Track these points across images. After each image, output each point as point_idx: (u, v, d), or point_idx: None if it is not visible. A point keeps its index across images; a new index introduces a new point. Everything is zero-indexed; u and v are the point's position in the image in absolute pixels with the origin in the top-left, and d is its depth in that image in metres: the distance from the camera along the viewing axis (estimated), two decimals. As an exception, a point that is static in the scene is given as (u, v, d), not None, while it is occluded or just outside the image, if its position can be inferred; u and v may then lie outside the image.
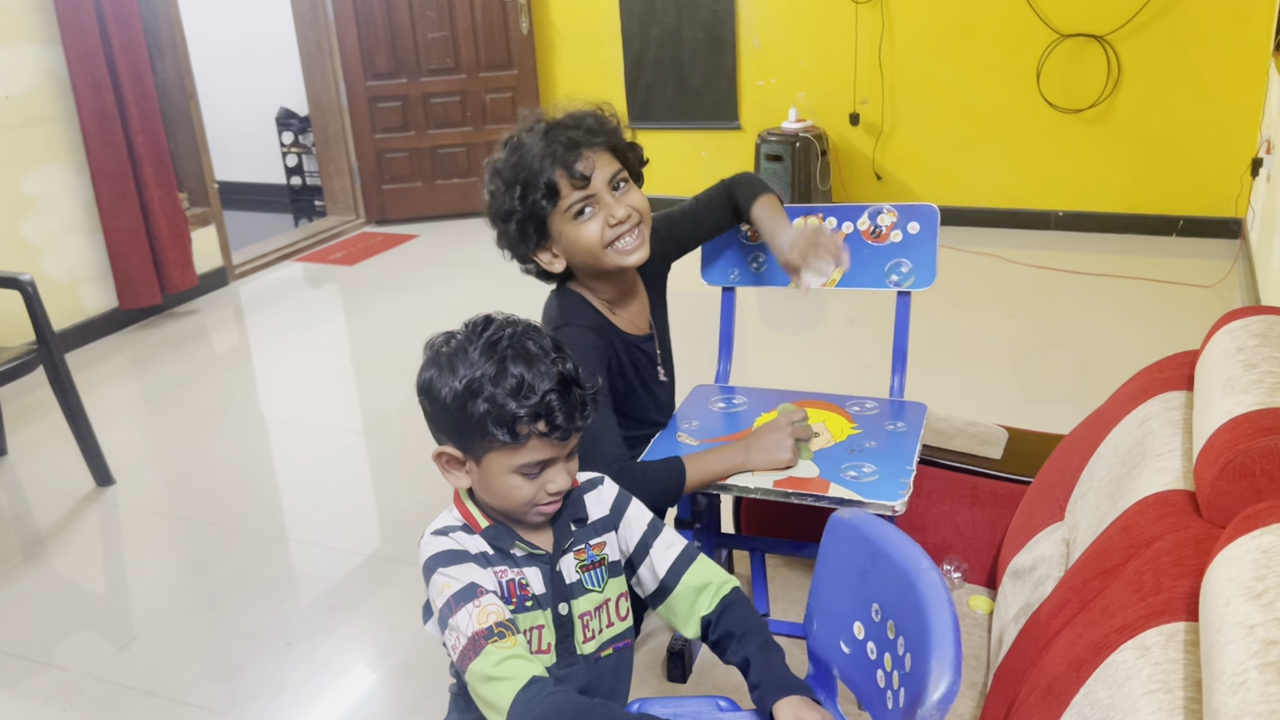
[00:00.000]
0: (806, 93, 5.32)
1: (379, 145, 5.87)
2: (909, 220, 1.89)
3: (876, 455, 1.64)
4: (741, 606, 1.30)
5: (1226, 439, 1.14)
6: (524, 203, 1.54)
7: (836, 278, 1.92)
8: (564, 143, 1.53)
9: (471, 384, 1.16)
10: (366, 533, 2.95)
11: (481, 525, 1.26)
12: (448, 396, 1.18)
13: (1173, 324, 3.94)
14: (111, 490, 3.21)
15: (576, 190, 1.54)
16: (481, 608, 1.17)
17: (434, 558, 1.23)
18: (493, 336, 1.19)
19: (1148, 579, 1.10)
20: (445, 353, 1.21)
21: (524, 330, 1.22)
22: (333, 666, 2.38)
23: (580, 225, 1.57)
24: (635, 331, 1.73)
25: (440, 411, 1.21)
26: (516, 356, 1.17)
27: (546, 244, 1.60)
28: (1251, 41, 4.48)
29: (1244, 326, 1.35)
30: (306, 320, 4.73)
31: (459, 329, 1.24)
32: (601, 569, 1.31)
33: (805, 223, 1.70)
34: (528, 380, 1.16)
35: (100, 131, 4.25)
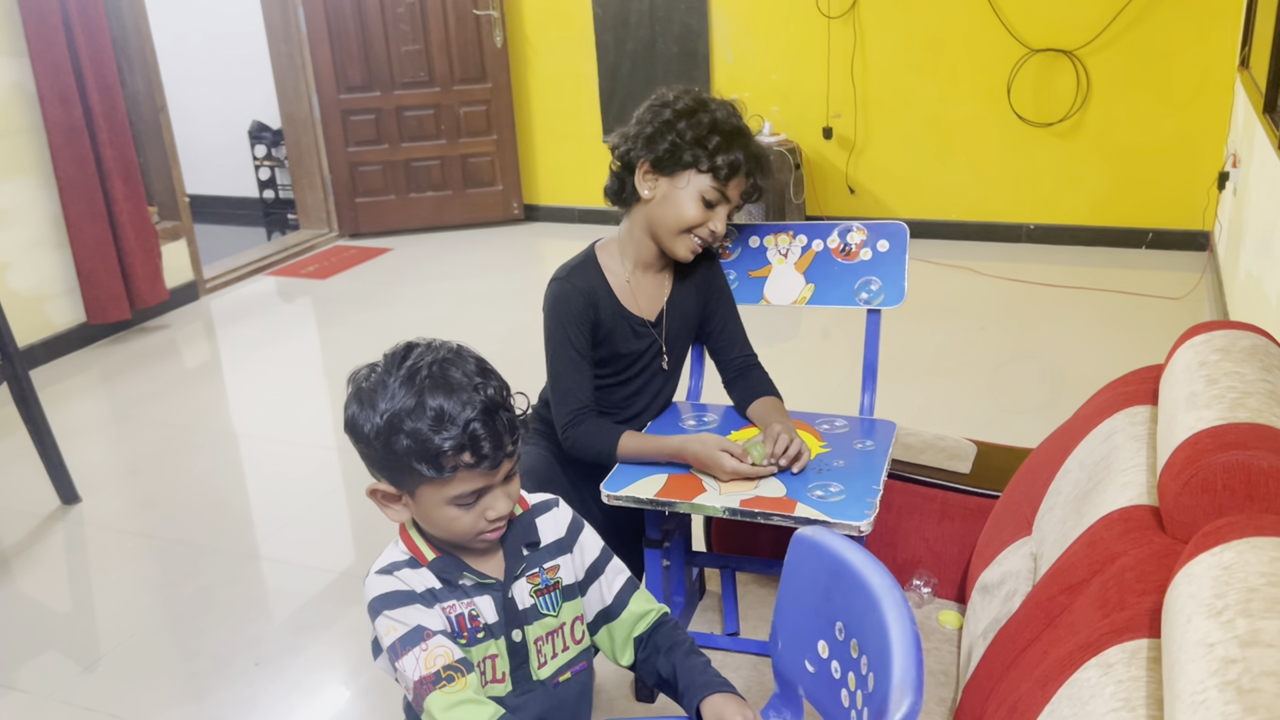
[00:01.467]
0: (780, 106, 5.34)
1: (352, 158, 5.85)
2: (878, 238, 1.90)
3: (844, 475, 1.64)
4: (671, 627, 1.30)
5: (1188, 454, 1.14)
6: (706, 145, 1.65)
7: (806, 296, 1.93)
8: (760, 160, 1.70)
9: (392, 419, 1.12)
10: (338, 550, 2.92)
11: (428, 558, 1.23)
12: (370, 433, 1.15)
13: (1142, 336, 3.98)
14: (78, 508, 3.17)
15: (732, 190, 1.68)
16: (428, 651, 1.15)
17: (378, 599, 1.20)
18: (412, 366, 1.15)
19: (1111, 595, 1.10)
20: (366, 387, 1.17)
21: (445, 357, 1.17)
22: (303, 686, 2.35)
23: (691, 202, 1.68)
24: (636, 311, 1.78)
25: (366, 448, 1.18)
26: (436, 386, 1.13)
27: (665, 173, 1.68)
28: (1217, 57, 4.54)
29: (1206, 341, 1.36)
30: (278, 335, 4.69)
31: (380, 359, 1.20)
32: (556, 593, 1.29)
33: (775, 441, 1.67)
34: (448, 411, 1.11)
35: (68, 145, 4.21)
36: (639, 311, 1.77)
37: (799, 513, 1.54)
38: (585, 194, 5.94)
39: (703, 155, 1.65)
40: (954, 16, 4.88)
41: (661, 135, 1.66)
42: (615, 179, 1.77)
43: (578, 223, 5.97)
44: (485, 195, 6.03)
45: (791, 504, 1.56)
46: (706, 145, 1.65)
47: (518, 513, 1.28)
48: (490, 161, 5.97)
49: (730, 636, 1.84)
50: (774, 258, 1.96)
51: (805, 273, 1.94)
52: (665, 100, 1.72)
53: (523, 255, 5.66)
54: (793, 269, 1.94)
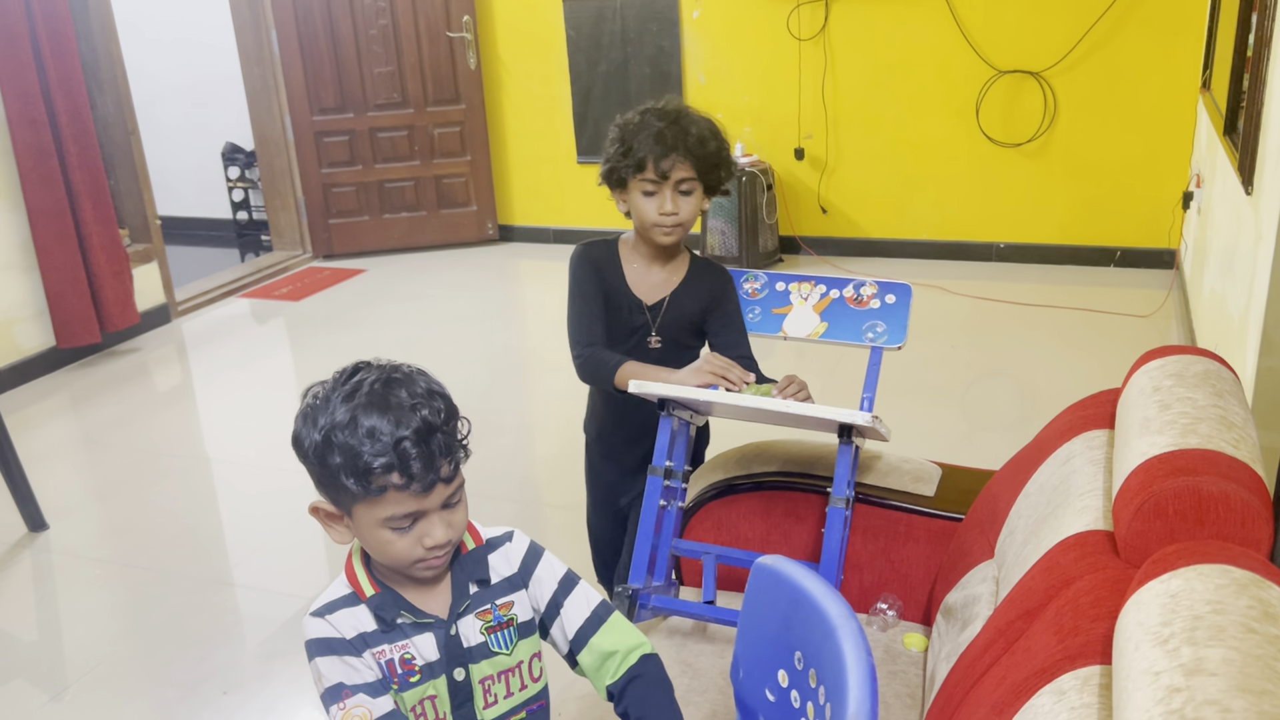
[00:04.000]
0: (752, 128, 5.38)
1: (325, 179, 5.84)
2: (887, 293, 2.11)
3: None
4: (645, 684, 1.24)
5: (1141, 480, 1.16)
6: (621, 158, 1.93)
7: (819, 332, 2.13)
8: (669, 139, 1.88)
9: (328, 434, 1.12)
10: (309, 575, 2.90)
11: (368, 593, 1.21)
12: (309, 448, 1.14)
13: (1111, 354, 4.02)
14: (45, 535, 3.14)
15: (652, 176, 1.91)
16: (346, 710, 1.15)
17: (310, 643, 1.20)
18: (356, 383, 1.15)
19: (1067, 620, 1.11)
20: (311, 404, 1.17)
21: (391, 377, 1.16)
22: (273, 714, 2.34)
23: (644, 199, 1.94)
24: (637, 292, 2.03)
25: (307, 464, 1.17)
26: (372, 404, 1.12)
27: (623, 192, 1.99)
28: (1180, 78, 4.61)
29: (1160, 366, 1.38)
30: (251, 357, 4.67)
31: (329, 377, 1.20)
32: (510, 630, 1.26)
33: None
34: (379, 428, 1.10)
35: (36, 168, 4.19)
36: (639, 294, 2.03)
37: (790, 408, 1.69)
38: (560, 214, 5.95)
39: (625, 164, 1.92)
40: (923, 39, 4.94)
41: (606, 163, 1.98)
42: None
43: (552, 243, 5.98)
44: (460, 216, 6.03)
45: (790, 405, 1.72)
46: (617, 155, 1.94)
47: (469, 545, 1.26)
48: (464, 182, 5.98)
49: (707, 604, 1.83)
50: (795, 300, 2.15)
51: (821, 313, 2.13)
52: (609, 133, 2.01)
53: (498, 276, 5.67)
54: (810, 309, 2.13)
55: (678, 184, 1.92)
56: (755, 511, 1.96)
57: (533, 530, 2.64)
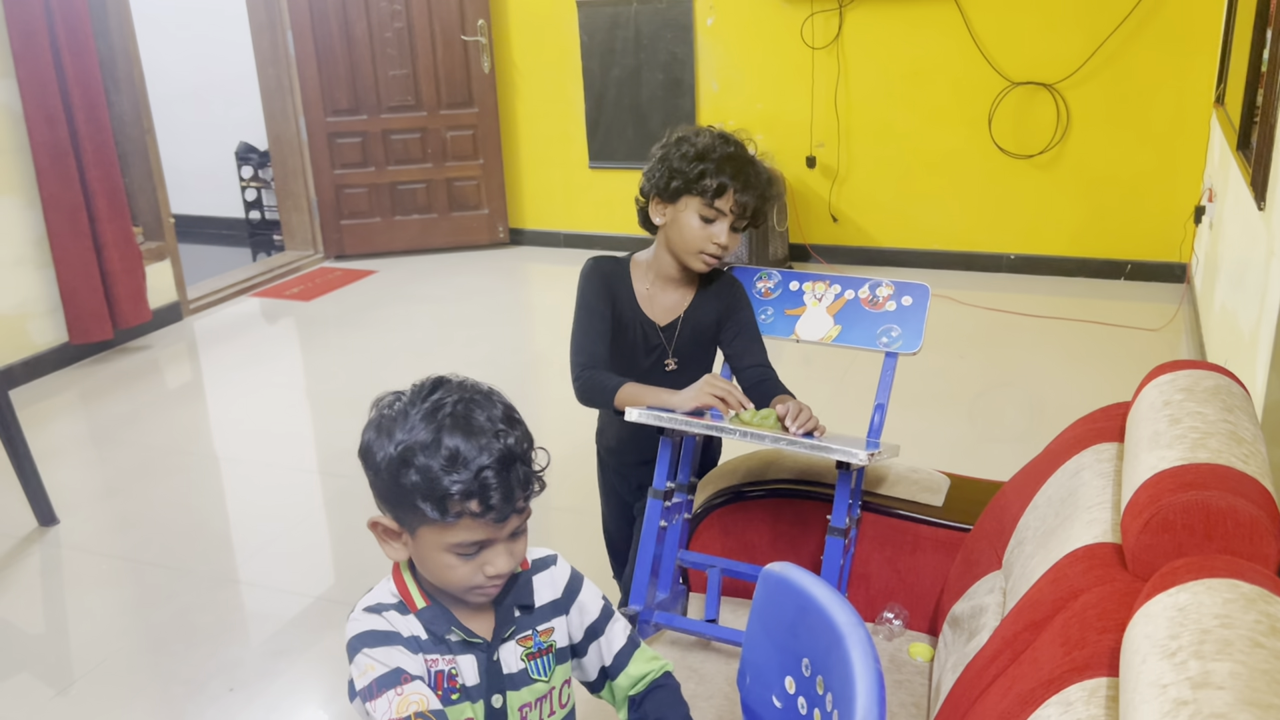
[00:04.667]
0: (764, 135, 5.39)
1: (338, 180, 5.86)
2: (904, 294, 2.06)
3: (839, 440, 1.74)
4: (666, 693, 1.26)
5: (1150, 494, 1.16)
6: (695, 176, 1.86)
7: (833, 335, 2.10)
8: (751, 178, 1.87)
9: (405, 451, 1.08)
10: (316, 574, 2.91)
11: (418, 605, 1.18)
12: (382, 462, 1.11)
13: (1120, 367, 4.02)
14: (55, 530, 3.16)
15: (722, 206, 1.86)
16: (403, 696, 1.10)
17: (360, 636, 1.15)
18: (437, 401, 1.11)
19: (1073, 632, 1.12)
20: (387, 415, 1.13)
21: (472, 397, 1.13)
22: (278, 712, 2.35)
23: (698, 222, 1.88)
24: (650, 314, 1.99)
25: (375, 477, 1.14)
26: (455, 426, 1.09)
27: (670, 204, 1.91)
28: (1194, 92, 4.61)
29: (1170, 381, 1.39)
30: (262, 356, 4.69)
31: (407, 389, 1.16)
32: (549, 657, 1.24)
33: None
34: (463, 453, 1.08)
35: (53, 165, 4.22)
36: (652, 315, 1.99)
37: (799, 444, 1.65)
38: (571, 219, 5.97)
39: (692, 180, 1.86)
40: (936, 49, 4.95)
41: (660, 169, 1.91)
42: (641, 212, 2.01)
43: (563, 247, 6.00)
44: (471, 219, 6.05)
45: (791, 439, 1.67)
46: (691, 171, 1.86)
47: (517, 571, 1.24)
48: (476, 185, 6.00)
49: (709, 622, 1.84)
50: (809, 300, 2.12)
51: (835, 316, 2.09)
52: (668, 140, 1.96)
53: (508, 279, 5.68)
54: (824, 311, 2.10)
55: (736, 221, 1.90)
56: (764, 519, 1.97)
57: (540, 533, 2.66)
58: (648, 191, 1.95)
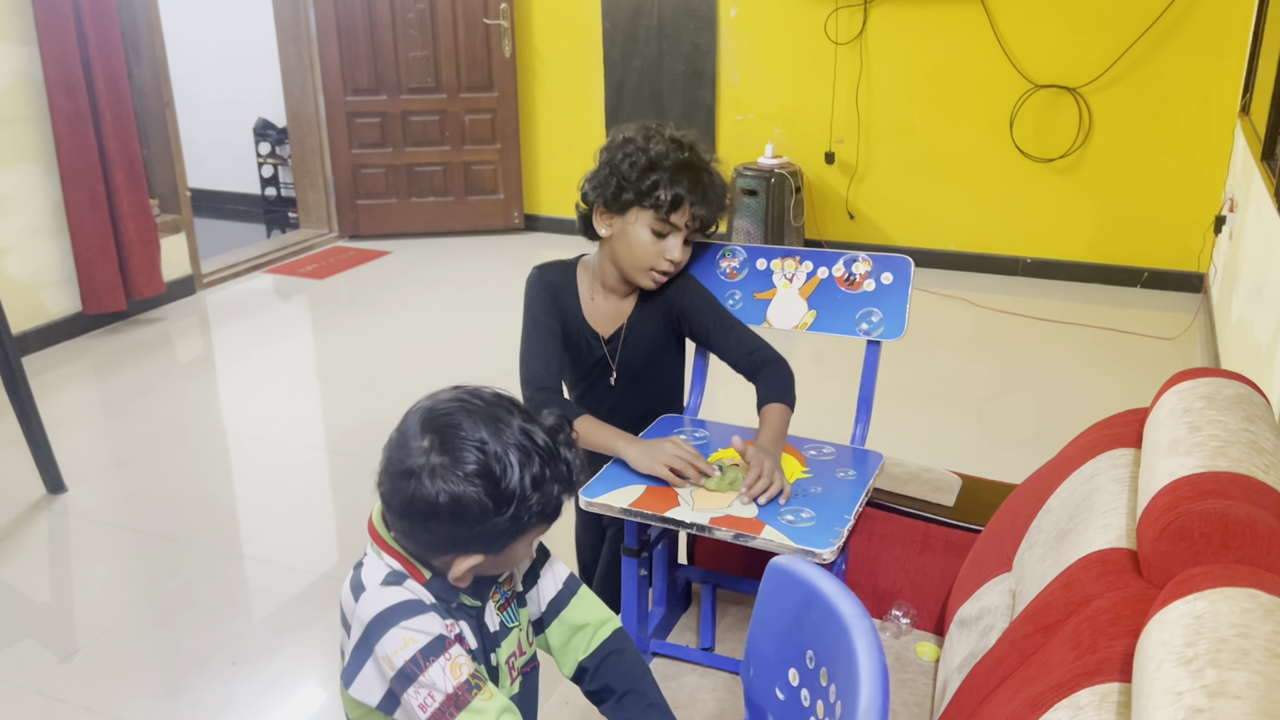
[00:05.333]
0: (783, 129, 5.37)
1: (355, 160, 5.86)
2: (883, 270, 1.92)
3: (819, 501, 1.64)
4: (623, 658, 1.24)
5: (1168, 501, 1.15)
6: (638, 181, 1.73)
7: (807, 322, 1.96)
8: (707, 190, 1.74)
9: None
10: (321, 552, 2.92)
11: (425, 576, 1.17)
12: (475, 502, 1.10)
13: (1133, 375, 4.00)
14: (63, 498, 3.17)
15: (677, 221, 1.74)
16: (453, 660, 1.09)
17: (390, 610, 1.11)
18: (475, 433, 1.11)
19: (1085, 636, 1.11)
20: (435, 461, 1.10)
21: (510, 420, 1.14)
22: (280, 687, 2.35)
23: (648, 237, 1.76)
24: (594, 325, 1.87)
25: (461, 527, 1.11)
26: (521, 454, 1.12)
27: (617, 215, 1.78)
28: (1219, 101, 4.57)
29: (1191, 388, 1.37)
30: (273, 333, 4.70)
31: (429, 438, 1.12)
32: (514, 603, 1.27)
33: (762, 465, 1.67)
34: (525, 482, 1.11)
35: (72, 134, 4.22)
36: (595, 325, 1.87)
37: (765, 535, 1.54)
38: (586, 207, 5.96)
39: (644, 192, 1.73)
40: (960, 49, 4.92)
41: (609, 177, 1.77)
42: (581, 219, 1.89)
43: (578, 235, 5.98)
44: (486, 203, 6.05)
45: (759, 526, 1.56)
46: (643, 183, 1.73)
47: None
48: (493, 170, 5.99)
49: (705, 651, 1.85)
50: (779, 281, 1.99)
51: (809, 299, 1.97)
52: (613, 142, 1.82)
53: (521, 265, 5.67)
54: (796, 294, 1.97)
55: (687, 236, 1.78)
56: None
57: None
58: (592, 200, 1.81)
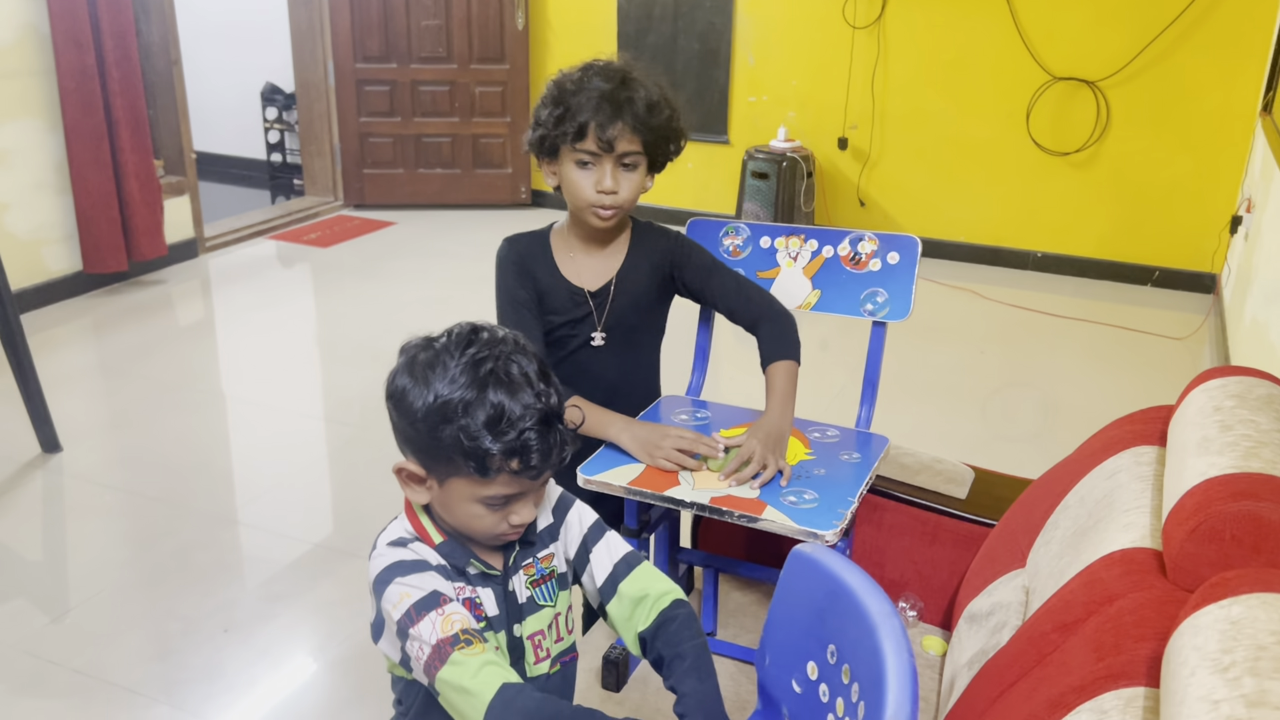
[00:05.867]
0: (797, 113, 5.31)
1: (363, 129, 5.80)
2: (889, 250, 1.88)
3: (822, 483, 1.61)
4: (676, 625, 1.20)
5: (1198, 501, 1.11)
6: (555, 123, 1.66)
7: (811, 302, 1.92)
8: (616, 103, 1.63)
9: (445, 406, 1.07)
10: (317, 521, 2.88)
11: (435, 540, 1.19)
12: (419, 411, 1.09)
13: (1141, 374, 3.96)
14: (58, 458, 3.13)
15: (589, 146, 1.65)
16: (445, 615, 1.10)
17: (390, 568, 1.14)
18: (477, 355, 1.09)
19: (1107, 638, 1.07)
20: (422, 361, 1.11)
21: (512, 350, 1.11)
22: (271, 656, 2.32)
23: (579, 173, 1.68)
24: (578, 283, 1.77)
25: (407, 425, 1.12)
26: (498, 383, 1.08)
27: (553, 163, 1.72)
28: (1240, 99, 4.52)
29: (1221, 386, 1.34)
30: (275, 300, 4.65)
31: (440, 336, 1.14)
32: (552, 582, 1.25)
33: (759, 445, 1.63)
34: (508, 412, 1.07)
35: (78, 90, 4.17)
36: (580, 282, 1.77)
37: (766, 516, 1.51)
38: (594, 184, 5.89)
39: (561, 129, 1.66)
40: (980, 37, 4.86)
41: (534, 128, 1.72)
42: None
43: (584, 212, 5.92)
44: (494, 177, 5.99)
45: (761, 506, 1.53)
46: (550, 119, 1.67)
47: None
48: (502, 144, 5.93)
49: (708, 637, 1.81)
50: (783, 260, 1.95)
51: (813, 279, 1.93)
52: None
53: (527, 240, 5.62)
54: (800, 273, 1.93)
55: (621, 157, 1.65)
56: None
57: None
58: (537, 157, 1.76)
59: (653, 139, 1.66)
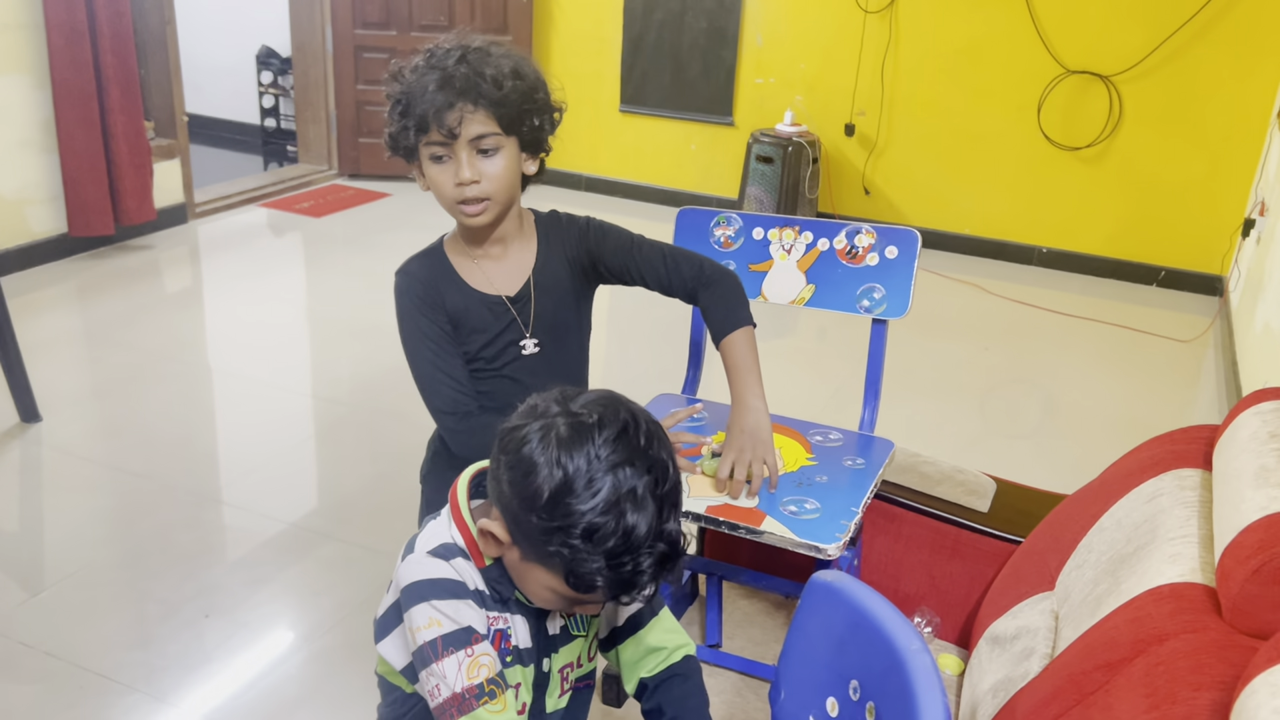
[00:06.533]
0: (804, 97, 5.21)
1: (360, 96, 5.67)
2: (888, 244, 1.81)
3: (824, 491, 1.53)
4: (684, 683, 1.16)
5: (1260, 538, 1.04)
6: (400, 118, 1.47)
7: (805, 297, 1.84)
8: (455, 84, 1.43)
9: (570, 517, 0.94)
10: (302, 503, 2.79)
11: (486, 561, 1.08)
12: (540, 499, 0.96)
13: (1145, 375, 3.90)
14: (36, 428, 3.03)
15: (439, 135, 1.45)
16: (474, 658, 1.02)
17: (426, 584, 1.05)
18: (624, 458, 0.96)
19: (1160, 684, 1.00)
20: (561, 438, 0.97)
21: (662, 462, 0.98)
22: (255, 643, 2.24)
23: (435, 169, 1.48)
24: (493, 291, 1.58)
25: (519, 507, 0.98)
26: (638, 505, 0.95)
27: (416, 165, 1.52)
28: (1254, 99, 4.44)
29: (1276, 410, 1.26)
30: (265, 269, 4.54)
31: (585, 409, 0.99)
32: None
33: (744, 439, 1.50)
34: (633, 544, 0.95)
35: (68, 46, 4.03)
36: (493, 289, 1.58)
37: (765, 527, 1.44)
38: (595, 162, 5.79)
39: (405, 124, 1.46)
40: (994, 26, 4.76)
41: (387, 128, 1.52)
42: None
43: (584, 190, 5.83)
44: (492, 151, 5.86)
45: (760, 517, 1.46)
46: (394, 120, 1.49)
47: None
48: (501, 117, 5.80)
49: (711, 648, 1.75)
50: (776, 253, 1.87)
51: (807, 272, 1.86)
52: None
53: (524, 217, 5.51)
54: (794, 267, 1.86)
55: (475, 142, 1.45)
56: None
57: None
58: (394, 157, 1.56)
59: (508, 115, 1.46)
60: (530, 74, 1.49)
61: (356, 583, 2.45)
